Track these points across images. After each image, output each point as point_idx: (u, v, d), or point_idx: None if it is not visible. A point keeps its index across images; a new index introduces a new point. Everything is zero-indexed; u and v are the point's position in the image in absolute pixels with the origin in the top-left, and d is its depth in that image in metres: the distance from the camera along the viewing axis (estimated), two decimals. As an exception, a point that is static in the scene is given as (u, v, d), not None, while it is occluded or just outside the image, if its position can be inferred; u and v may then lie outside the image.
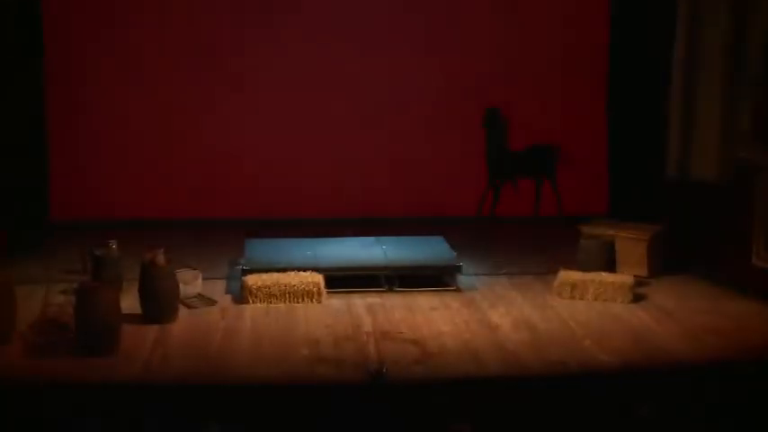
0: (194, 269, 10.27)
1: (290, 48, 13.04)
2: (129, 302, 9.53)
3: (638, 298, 10.21)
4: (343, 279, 10.34)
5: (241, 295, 10.08)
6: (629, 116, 12.95)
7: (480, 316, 9.71)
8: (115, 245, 10.06)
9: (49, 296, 9.20)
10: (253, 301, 9.95)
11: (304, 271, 10.22)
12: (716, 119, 10.95)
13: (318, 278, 10.09)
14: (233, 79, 13.02)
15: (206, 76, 12.95)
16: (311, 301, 9.99)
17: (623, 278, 10.30)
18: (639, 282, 10.53)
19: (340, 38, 13.11)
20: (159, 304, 9.32)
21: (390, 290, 10.38)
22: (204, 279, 10.40)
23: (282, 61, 13.07)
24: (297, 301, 9.98)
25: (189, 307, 9.82)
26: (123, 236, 10.58)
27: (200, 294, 10.14)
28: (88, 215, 12.78)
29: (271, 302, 9.96)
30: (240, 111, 13.13)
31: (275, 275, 10.11)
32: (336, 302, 10.03)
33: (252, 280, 10.02)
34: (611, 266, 10.57)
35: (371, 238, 11.44)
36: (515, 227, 12.89)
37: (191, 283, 10.08)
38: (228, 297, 10.22)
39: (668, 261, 11.29)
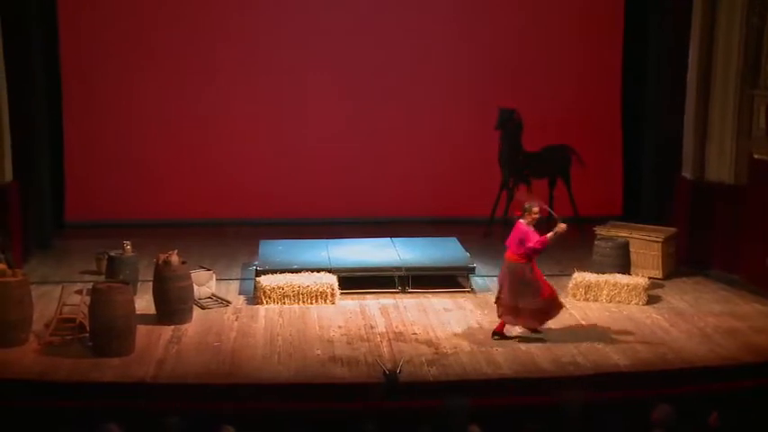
0: (208, 270, 10.31)
1: (304, 51, 13.06)
2: (144, 303, 9.60)
3: (652, 299, 10.17)
4: (356, 280, 10.36)
5: (255, 296, 10.11)
6: (644, 117, 12.90)
7: (494, 317, 9.66)
8: (130, 246, 10.12)
9: (64, 296, 9.25)
10: (266, 302, 9.98)
11: (317, 272, 10.25)
12: (731, 120, 10.92)
13: (332, 279, 10.11)
14: (247, 85, 13.05)
15: (219, 82, 12.98)
16: (325, 301, 10.00)
17: (637, 280, 10.26)
18: (654, 283, 10.50)
19: (353, 43, 13.12)
20: (173, 304, 9.36)
21: (404, 291, 10.40)
22: (218, 280, 10.44)
23: (297, 65, 13.09)
24: (310, 301, 10.00)
25: (203, 307, 9.86)
26: (138, 237, 10.67)
27: (214, 295, 10.18)
28: (103, 217, 12.86)
29: (284, 303, 9.98)
30: (254, 115, 13.16)
31: (289, 276, 10.14)
32: (350, 303, 10.04)
33: (266, 281, 10.05)
34: (625, 268, 10.53)
35: (385, 239, 11.45)
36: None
37: (205, 283, 10.12)
38: (242, 298, 10.26)
39: (683, 262, 11.26)
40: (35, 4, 11.54)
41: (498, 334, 9.05)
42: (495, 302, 9.16)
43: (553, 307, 9.00)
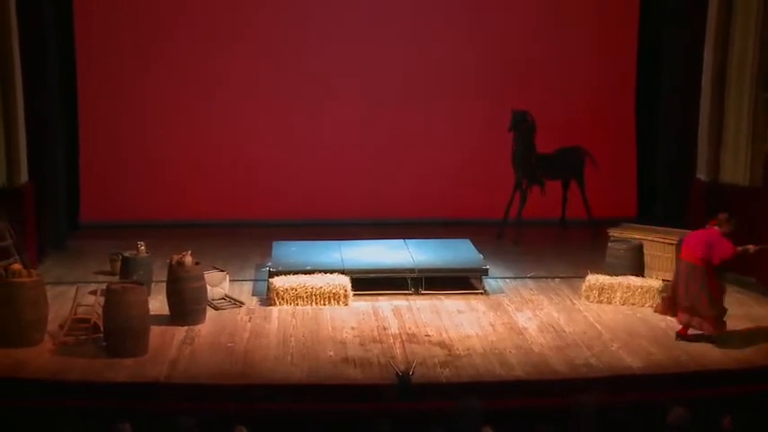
0: (222, 271, 10.34)
1: (318, 53, 13.09)
2: (158, 303, 9.63)
3: (666, 302, 10.14)
4: (369, 281, 10.36)
5: (268, 297, 10.13)
6: (658, 119, 12.85)
7: (507, 319, 9.69)
8: (144, 246, 10.16)
9: (78, 296, 9.30)
10: (279, 303, 9.99)
11: (330, 273, 10.26)
12: (746, 122, 10.87)
13: (345, 280, 10.12)
14: (262, 86, 13.09)
15: (234, 83, 13.03)
16: (337, 303, 10.01)
17: (651, 282, 10.21)
18: (668, 286, 10.42)
19: (366, 45, 13.14)
20: (187, 305, 9.39)
21: (417, 292, 10.39)
22: (231, 281, 10.46)
23: (311, 67, 13.12)
24: (323, 303, 10.01)
25: (216, 308, 9.88)
26: (152, 238, 10.70)
27: (227, 296, 10.20)
28: (118, 217, 12.92)
29: (297, 304, 9.99)
30: (267, 116, 13.20)
31: (302, 278, 10.14)
32: (362, 305, 10.05)
33: (279, 282, 10.07)
34: (639, 270, 10.49)
35: (398, 241, 11.44)
36: (543, 230, 12.84)
37: (218, 284, 10.15)
38: (255, 299, 10.27)
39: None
40: (50, 6, 11.60)
41: (682, 336, 8.99)
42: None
43: (723, 314, 8.93)
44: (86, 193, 12.95)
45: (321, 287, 10.02)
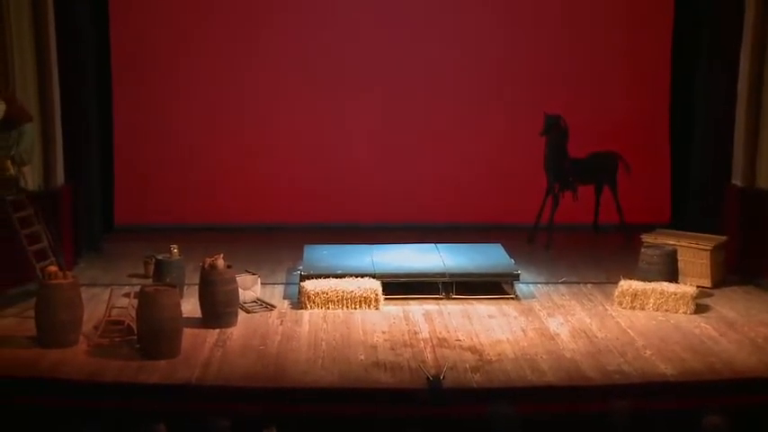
0: (254, 274, 10.40)
1: (345, 56, 13.11)
2: (190, 306, 9.71)
3: (700, 308, 10.01)
4: (400, 285, 10.36)
5: (299, 300, 10.17)
6: (692, 123, 12.71)
7: (538, 324, 9.64)
8: (177, 249, 10.24)
9: (112, 299, 9.41)
10: (311, 307, 10.02)
11: (362, 277, 10.27)
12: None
13: (376, 284, 10.13)
14: (293, 89, 13.13)
15: (267, 88, 13.08)
16: (368, 307, 10.02)
17: (685, 288, 10.11)
18: (702, 292, 10.33)
19: (393, 48, 13.12)
20: (219, 308, 9.45)
21: (448, 297, 10.37)
22: (263, 284, 10.52)
23: (339, 71, 13.14)
24: (354, 307, 10.02)
25: (248, 311, 9.94)
26: (185, 241, 10.78)
27: (258, 299, 10.26)
28: (151, 220, 13.04)
29: (328, 308, 10.01)
30: (298, 120, 13.24)
31: (333, 281, 10.17)
32: (393, 309, 10.05)
33: (310, 286, 10.10)
34: (673, 276, 10.39)
35: (429, 245, 11.43)
36: (575, 235, 12.76)
37: (250, 287, 10.21)
38: (287, 302, 10.32)
39: (733, 271, 11.06)
40: (87, 11, 11.74)
41: None
42: None
43: None
44: (121, 196, 13.07)
45: (352, 291, 10.03)
